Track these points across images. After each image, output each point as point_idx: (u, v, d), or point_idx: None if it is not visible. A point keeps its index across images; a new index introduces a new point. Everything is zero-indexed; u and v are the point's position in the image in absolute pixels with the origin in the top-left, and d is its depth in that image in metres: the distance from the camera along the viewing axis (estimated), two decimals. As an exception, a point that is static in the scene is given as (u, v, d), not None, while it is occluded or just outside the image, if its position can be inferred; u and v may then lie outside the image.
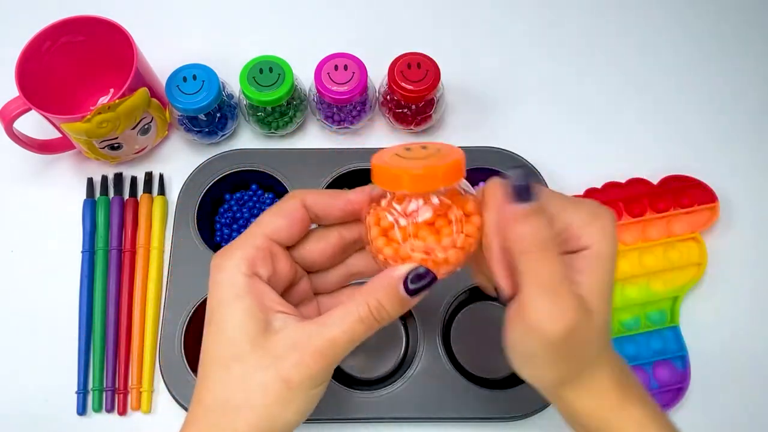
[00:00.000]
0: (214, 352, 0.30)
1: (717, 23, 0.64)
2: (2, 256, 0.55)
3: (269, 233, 0.32)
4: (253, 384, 0.29)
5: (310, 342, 0.29)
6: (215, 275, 0.31)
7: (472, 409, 0.47)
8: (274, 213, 0.32)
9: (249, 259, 0.30)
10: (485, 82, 0.61)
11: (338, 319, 0.30)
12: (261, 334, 0.29)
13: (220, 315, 0.30)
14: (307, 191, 0.33)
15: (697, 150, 0.59)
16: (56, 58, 0.53)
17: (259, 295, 0.30)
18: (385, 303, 0.30)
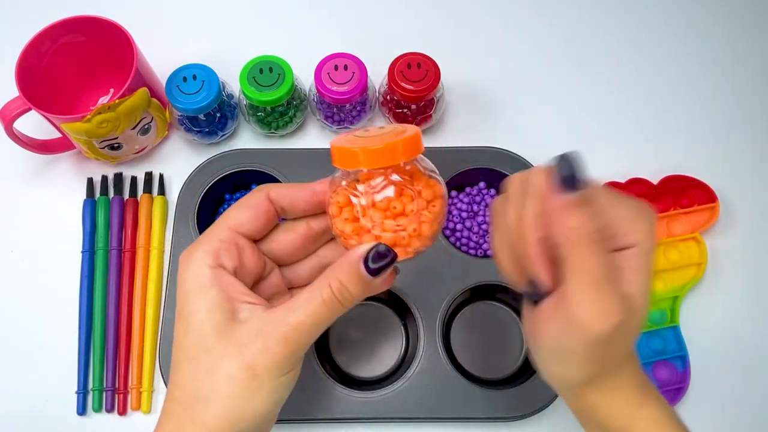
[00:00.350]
0: (183, 346, 0.30)
1: (717, 24, 0.64)
2: (2, 256, 0.55)
3: (234, 225, 0.32)
4: (220, 374, 0.29)
5: (274, 329, 0.29)
6: (181, 270, 0.31)
7: (472, 409, 0.47)
8: (239, 206, 0.33)
9: (213, 251, 0.31)
10: (485, 83, 0.61)
11: (301, 304, 0.29)
12: (227, 324, 0.29)
13: (187, 308, 0.30)
14: (273, 185, 0.34)
15: (697, 150, 0.59)
16: (56, 58, 0.53)
17: (224, 286, 0.30)
18: (347, 283, 0.29)
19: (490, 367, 0.51)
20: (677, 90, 0.61)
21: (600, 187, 0.31)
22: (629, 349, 0.32)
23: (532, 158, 0.54)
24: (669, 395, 0.49)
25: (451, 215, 0.54)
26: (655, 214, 0.31)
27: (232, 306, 0.30)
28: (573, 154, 0.28)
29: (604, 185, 0.32)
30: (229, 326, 0.29)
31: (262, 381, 0.29)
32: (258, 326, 0.29)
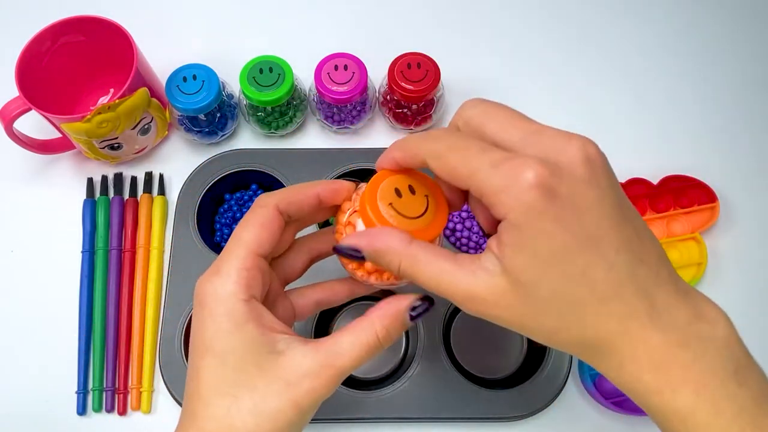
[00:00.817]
0: (217, 381, 0.29)
1: (717, 24, 0.65)
2: (2, 256, 0.55)
3: (255, 249, 0.31)
4: (267, 411, 0.29)
5: (321, 371, 0.30)
6: (211, 305, 0.30)
7: (472, 409, 0.47)
8: (252, 225, 0.31)
9: (245, 283, 0.30)
10: (485, 82, 0.61)
11: (348, 349, 0.30)
12: (267, 358, 0.29)
13: (222, 345, 0.29)
14: (276, 195, 0.33)
15: (697, 150, 0.59)
16: (56, 58, 0.53)
17: (258, 318, 0.30)
18: (392, 331, 0.31)
19: (490, 367, 0.51)
20: (677, 90, 0.61)
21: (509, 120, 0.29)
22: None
23: (532, 158, 0.54)
24: (669, 395, 0.49)
25: (451, 215, 0.54)
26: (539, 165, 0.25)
27: (268, 339, 0.30)
28: None
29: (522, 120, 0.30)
30: (270, 359, 0.29)
31: (305, 415, 0.30)
32: (304, 365, 0.29)
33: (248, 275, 0.30)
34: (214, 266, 0.31)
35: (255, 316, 0.30)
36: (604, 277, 0.26)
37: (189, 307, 0.49)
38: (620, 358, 0.27)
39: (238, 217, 0.54)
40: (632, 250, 0.26)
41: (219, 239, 0.54)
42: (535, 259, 0.25)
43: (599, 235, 0.25)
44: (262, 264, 0.31)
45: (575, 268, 0.25)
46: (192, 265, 0.51)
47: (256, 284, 0.30)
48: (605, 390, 0.50)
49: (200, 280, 0.31)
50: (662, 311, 0.27)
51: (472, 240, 0.53)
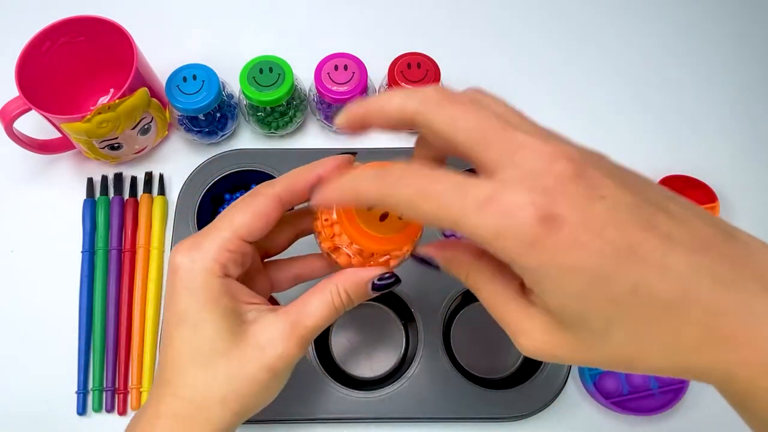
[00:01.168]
0: (191, 350, 0.30)
1: (717, 24, 0.65)
2: (2, 256, 0.55)
3: (243, 235, 0.31)
4: (242, 377, 0.30)
5: (293, 332, 0.31)
6: (186, 278, 0.30)
7: (472, 409, 0.47)
8: (246, 210, 0.31)
9: (222, 261, 0.30)
10: (485, 83, 0.61)
11: (316, 308, 0.31)
12: (239, 328, 0.30)
13: (196, 316, 0.30)
14: (279, 185, 0.32)
15: (697, 150, 0.59)
16: (56, 58, 0.53)
17: (233, 293, 0.31)
18: (353, 296, 0.32)
19: (490, 367, 0.51)
20: (677, 90, 0.61)
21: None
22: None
23: (532, 158, 0.54)
24: (669, 395, 0.49)
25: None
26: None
27: (240, 309, 0.31)
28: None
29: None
30: (242, 329, 0.31)
31: (279, 378, 0.31)
32: (274, 330, 0.31)
33: (228, 257, 0.31)
34: (196, 239, 0.31)
35: (229, 290, 0.31)
36: (662, 285, 0.22)
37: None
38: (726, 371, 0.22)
39: (238, 217, 0.54)
40: (682, 242, 0.22)
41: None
42: (571, 297, 0.23)
43: (632, 243, 0.22)
44: (245, 248, 0.32)
45: (622, 287, 0.22)
46: (192, 265, 0.50)
47: (234, 266, 0.31)
48: (605, 390, 0.50)
49: (178, 249, 0.31)
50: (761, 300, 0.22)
51: (472, 240, 0.53)
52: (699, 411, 0.50)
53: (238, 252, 0.31)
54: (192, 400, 0.30)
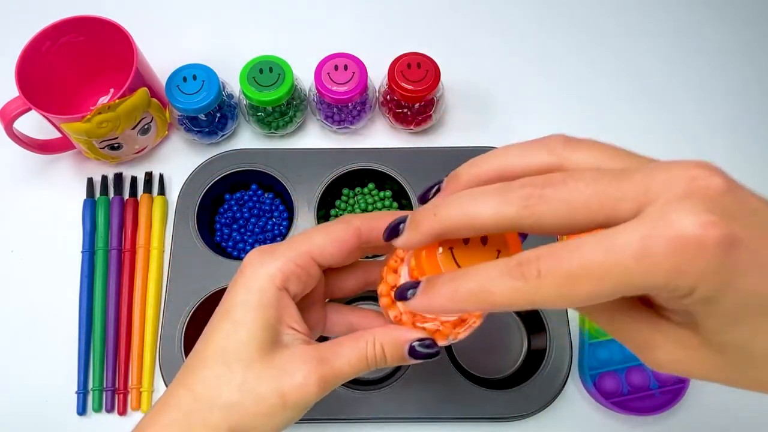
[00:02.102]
0: (220, 348, 0.30)
1: (717, 24, 0.65)
2: (2, 256, 0.55)
3: (315, 254, 0.31)
4: (252, 391, 0.29)
5: (317, 368, 0.30)
6: (249, 276, 0.31)
7: (472, 409, 0.47)
8: (326, 233, 0.31)
9: (286, 274, 0.30)
10: (485, 82, 0.61)
11: (347, 353, 0.30)
12: (272, 345, 0.30)
13: (240, 315, 0.30)
14: (362, 218, 0.32)
15: (697, 149, 0.59)
16: (56, 58, 0.53)
17: (282, 309, 0.30)
18: (388, 355, 0.30)
19: (490, 367, 0.51)
20: (678, 90, 0.62)
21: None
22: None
23: (532, 158, 0.54)
24: (669, 395, 0.49)
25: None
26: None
27: (280, 328, 0.30)
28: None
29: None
30: (273, 348, 0.30)
31: (286, 410, 0.30)
32: (303, 358, 0.30)
33: (294, 270, 0.30)
34: (273, 246, 0.31)
35: (280, 305, 0.30)
36: None
37: (189, 307, 0.49)
38: None
39: (237, 216, 0.55)
40: None
41: (219, 239, 0.54)
42: (742, 324, 0.21)
43: None
44: (313, 270, 0.31)
45: None
46: (192, 265, 0.51)
47: (297, 282, 0.31)
48: (605, 390, 0.50)
49: (254, 250, 0.31)
50: None
51: (472, 240, 0.53)
52: (699, 411, 0.50)
53: (305, 270, 0.31)
54: (198, 396, 0.30)
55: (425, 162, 0.54)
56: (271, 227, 0.54)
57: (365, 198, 0.55)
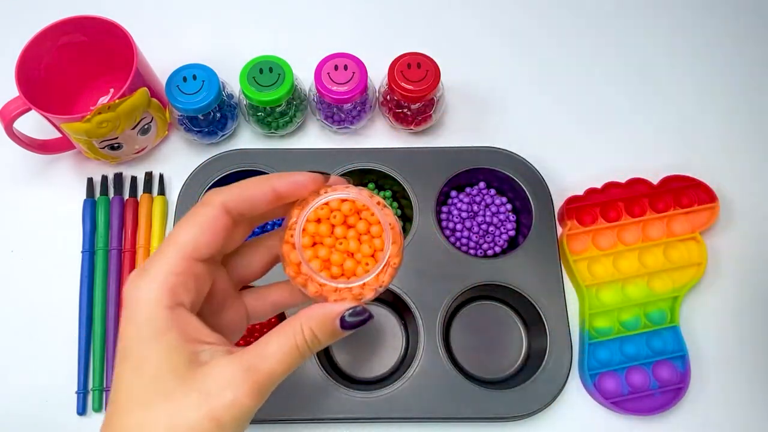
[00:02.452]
0: (133, 390, 0.27)
1: (717, 24, 0.65)
2: (2, 256, 0.55)
3: (190, 254, 0.28)
4: (181, 425, 0.26)
5: (245, 378, 0.27)
6: (132, 310, 0.27)
7: (472, 409, 0.47)
8: (191, 224, 0.29)
9: (170, 288, 0.27)
10: (485, 82, 0.61)
11: (273, 352, 0.28)
12: (188, 369, 0.27)
13: (139, 352, 0.27)
14: (225, 191, 0.30)
15: (697, 150, 0.59)
16: (56, 58, 0.53)
17: (183, 327, 0.27)
18: (319, 335, 0.29)
19: (490, 367, 0.51)
20: (677, 90, 0.61)
21: None
22: None
23: (532, 158, 0.54)
24: (669, 395, 0.49)
25: (451, 215, 0.54)
26: None
27: (192, 348, 0.27)
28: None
29: None
30: (190, 370, 0.27)
31: (226, 431, 0.27)
32: (226, 375, 0.27)
33: (176, 281, 0.28)
34: (143, 265, 0.28)
35: (179, 325, 0.27)
36: None
37: (189, 307, 0.49)
38: None
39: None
40: None
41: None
42: None
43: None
44: (197, 268, 0.29)
45: None
46: (192, 265, 0.50)
47: (185, 291, 0.28)
48: (605, 390, 0.50)
49: (129, 278, 0.28)
50: None
51: (472, 240, 0.53)
52: (699, 411, 0.50)
53: (188, 274, 0.28)
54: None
55: (425, 162, 0.54)
56: (271, 227, 0.54)
57: (365, 198, 0.55)
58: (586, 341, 0.50)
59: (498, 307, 0.53)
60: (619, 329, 0.51)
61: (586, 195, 0.54)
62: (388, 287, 0.30)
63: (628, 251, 0.53)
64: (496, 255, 0.54)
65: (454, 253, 0.51)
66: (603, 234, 0.54)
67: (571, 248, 0.53)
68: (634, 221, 0.54)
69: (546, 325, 0.49)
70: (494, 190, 0.56)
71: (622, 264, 0.53)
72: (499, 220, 0.54)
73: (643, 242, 0.53)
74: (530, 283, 0.50)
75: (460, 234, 0.54)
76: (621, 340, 0.51)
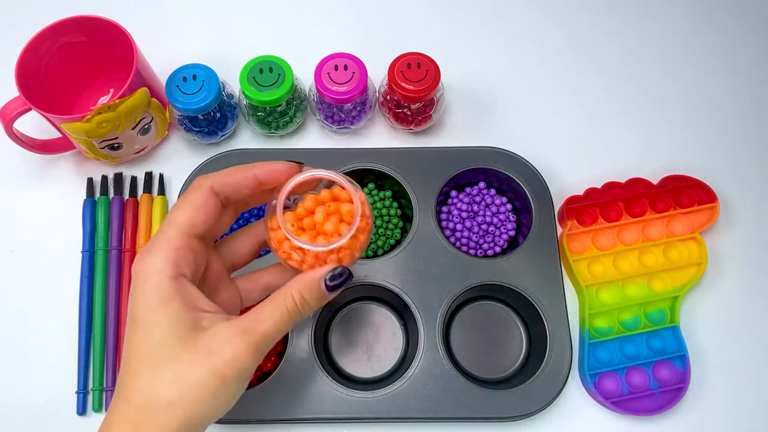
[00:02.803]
0: (143, 354, 0.30)
1: (717, 24, 0.65)
2: (2, 256, 0.55)
3: (187, 230, 0.32)
4: (189, 381, 0.30)
5: (243, 338, 0.30)
6: (140, 281, 0.31)
7: (472, 409, 0.47)
8: (186, 207, 0.33)
9: (173, 260, 0.31)
10: (485, 82, 0.61)
11: (267, 315, 0.32)
12: (191, 333, 0.30)
13: (148, 318, 0.30)
14: (212, 177, 0.34)
15: (697, 150, 0.59)
16: (56, 58, 0.53)
17: (186, 296, 0.31)
18: (308, 298, 0.32)
19: (490, 367, 0.51)
20: (677, 90, 0.62)
21: None
22: None
23: (532, 158, 0.54)
24: (669, 395, 0.49)
25: (451, 215, 0.54)
26: None
27: (194, 315, 0.31)
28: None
29: None
30: (194, 334, 0.30)
31: (229, 386, 0.30)
32: (226, 334, 0.30)
33: (177, 254, 0.31)
34: (147, 245, 0.32)
35: (182, 294, 0.31)
36: None
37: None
38: None
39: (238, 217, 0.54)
40: None
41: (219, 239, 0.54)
42: None
43: None
44: (194, 244, 0.32)
45: None
46: (192, 265, 0.50)
47: (186, 263, 0.32)
48: (605, 390, 0.50)
49: (137, 256, 0.32)
50: None
51: (472, 240, 0.53)
52: (699, 411, 0.50)
53: (187, 248, 0.32)
54: (140, 406, 0.30)
55: (425, 162, 0.54)
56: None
57: (365, 198, 0.55)
58: (586, 341, 0.50)
59: (498, 307, 0.53)
60: (619, 329, 0.51)
61: (586, 195, 0.54)
62: (363, 256, 0.35)
63: (628, 251, 0.53)
64: (496, 255, 0.54)
65: (454, 253, 0.51)
66: (603, 234, 0.54)
67: (571, 248, 0.53)
68: (634, 221, 0.54)
69: (546, 325, 0.49)
70: (494, 190, 0.56)
71: (622, 264, 0.53)
72: (499, 220, 0.54)
73: (643, 242, 0.53)
74: (530, 283, 0.50)
75: (460, 234, 0.54)
76: (621, 340, 0.51)
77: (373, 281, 0.50)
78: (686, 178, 0.55)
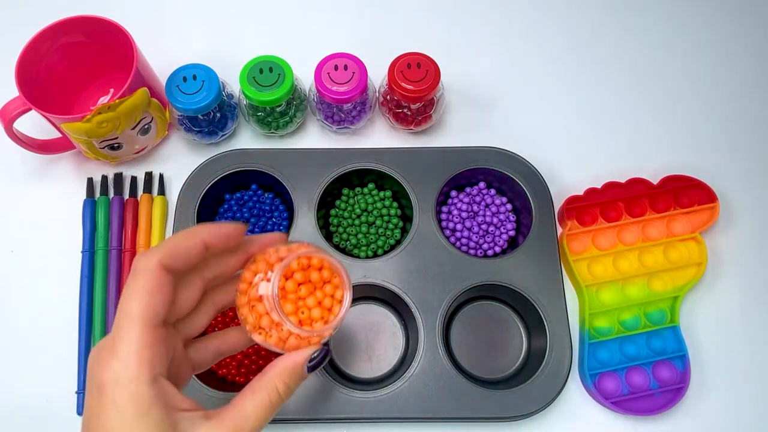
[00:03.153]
0: None
1: (716, 24, 0.65)
2: (2, 256, 0.55)
3: (151, 320, 0.28)
4: None
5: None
6: (108, 392, 0.27)
7: (472, 409, 0.47)
8: (141, 294, 0.28)
9: (147, 362, 0.27)
10: (485, 82, 0.61)
11: (253, 409, 0.30)
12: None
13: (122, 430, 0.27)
14: (157, 251, 0.30)
15: (697, 150, 0.59)
16: (56, 58, 0.53)
17: (163, 400, 0.28)
18: (291, 384, 0.31)
19: (490, 367, 0.51)
20: (677, 90, 0.62)
21: None
22: None
23: (532, 158, 0.54)
24: (669, 395, 0.49)
25: (451, 215, 0.54)
26: None
27: (172, 419, 0.28)
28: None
29: None
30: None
31: None
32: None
33: (151, 353, 0.27)
34: (109, 347, 0.28)
35: (160, 398, 0.27)
36: None
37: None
38: None
39: (238, 217, 0.54)
40: None
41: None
42: None
43: None
44: (162, 334, 0.29)
45: None
46: (192, 265, 0.50)
47: (159, 360, 0.28)
48: (605, 390, 0.50)
49: (95, 361, 0.28)
50: None
51: (472, 240, 0.53)
52: (699, 411, 0.50)
53: (158, 342, 0.28)
54: None
55: (425, 162, 0.54)
56: (271, 227, 0.54)
57: (365, 198, 0.55)
58: (586, 341, 0.50)
59: (498, 307, 0.53)
60: (619, 329, 0.51)
61: (586, 195, 0.54)
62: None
63: (628, 251, 0.53)
64: (496, 255, 0.54)
65: (454, 253, 0.51)
66: (603, 234, 0.54)
67: (571, 248, 0.53)
68: (634, 221, 0.54)
69: (546, 325, 0.49)
70: (494, 190, 0.56)
71: (622, 264, 0.53)
72: (499, 220, 0.54)
73: (643, 242, 0.53)
74: (530, 283, 0.50)
75: (460, 234, 0.54)
76: (621, 340, 0.51)
77: (373, 281, 0.50)
78: (686, 178, 0.55)
